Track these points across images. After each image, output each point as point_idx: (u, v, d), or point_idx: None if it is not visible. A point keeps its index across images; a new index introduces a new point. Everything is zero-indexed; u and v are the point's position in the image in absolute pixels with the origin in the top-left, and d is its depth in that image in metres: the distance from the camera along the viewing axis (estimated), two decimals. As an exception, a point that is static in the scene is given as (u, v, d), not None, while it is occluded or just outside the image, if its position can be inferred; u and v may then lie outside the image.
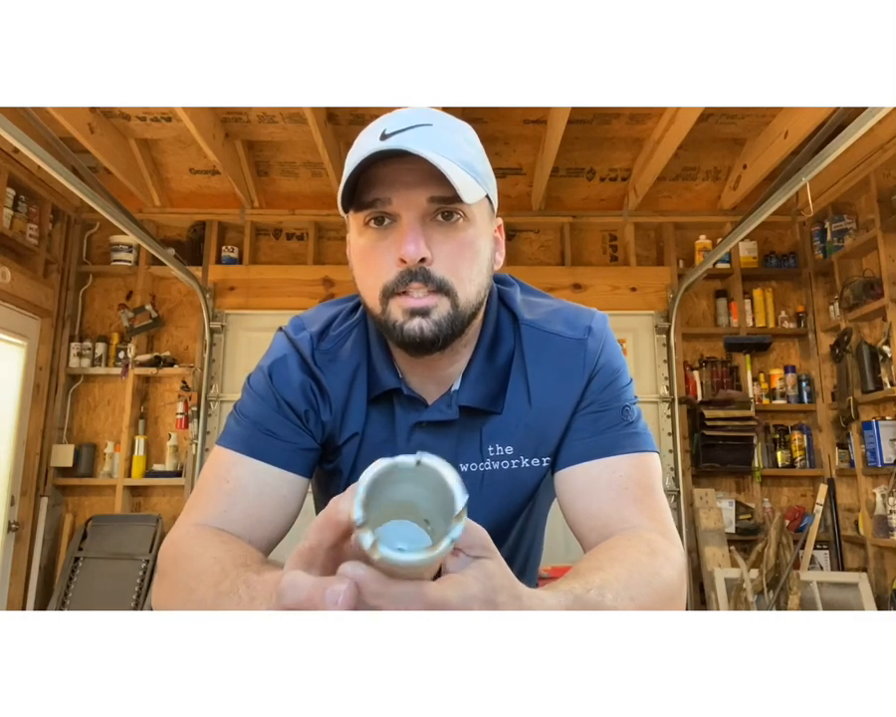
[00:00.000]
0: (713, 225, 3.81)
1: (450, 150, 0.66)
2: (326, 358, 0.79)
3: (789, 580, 3.06)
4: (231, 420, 0.79)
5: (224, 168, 3.26)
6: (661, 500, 0.73)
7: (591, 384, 0.76)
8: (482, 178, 0.69)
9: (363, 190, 0.66)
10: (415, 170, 0.64)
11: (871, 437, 3.25)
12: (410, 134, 0.65)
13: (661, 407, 3.53)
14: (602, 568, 0.58)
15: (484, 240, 0.72)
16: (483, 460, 0.77)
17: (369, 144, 0.66)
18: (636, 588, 0.57)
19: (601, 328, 0.79)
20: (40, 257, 3.46)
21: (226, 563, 0.60)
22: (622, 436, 0.74)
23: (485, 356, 0.78)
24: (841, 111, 2.42)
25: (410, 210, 0.66)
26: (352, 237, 0.73)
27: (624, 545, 0.64)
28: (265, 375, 0.78)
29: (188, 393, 3.62)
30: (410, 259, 0.65)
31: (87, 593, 3.21)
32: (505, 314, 0.80)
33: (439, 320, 0.67)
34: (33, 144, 2.04)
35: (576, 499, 0.74)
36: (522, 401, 0.77)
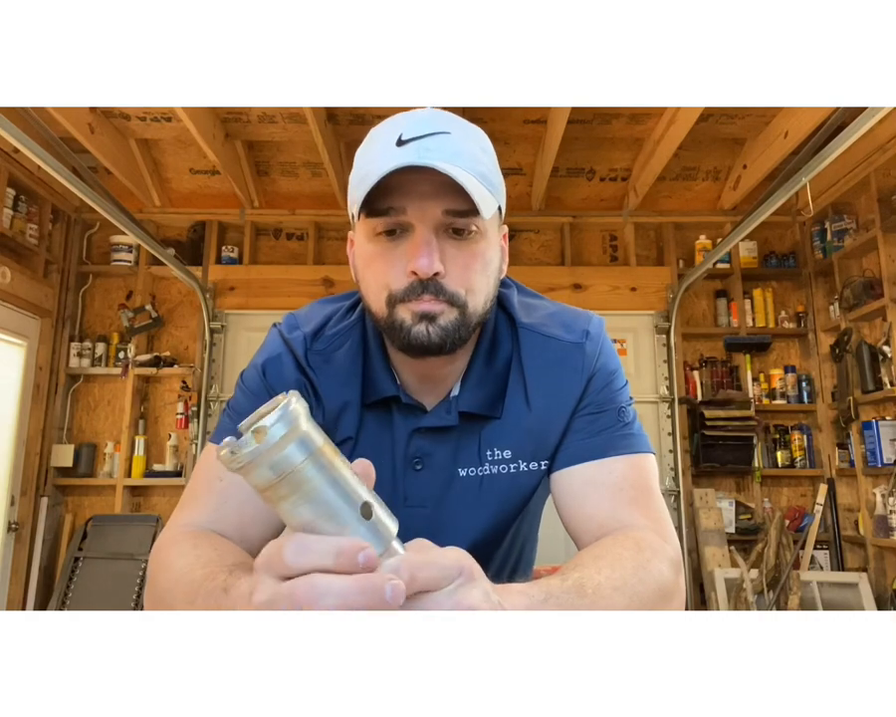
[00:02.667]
0: (713, 225, 3.81)
1: (468, 162, 0.65)
2: (319, 359, 0.77)
3: (789, 580, 3.06)
4: (224, 417, 0.78)
5: (224, 168, 3.26)
6: (657, 500, 0.73)
7: (589, 387, 0.76)
8: (496, 189, 0.69)
9: (377, 196, 0.64)
10: (432, 180, 0.63)
11: (871, 437, 3.25)
12: (430, 143, 0.64)
13: (661, 407, 3.53)
14: (584, 564, 0.58)
15: (493, 251, 0.72)
16: (482, 465, 0.77)
17: (386, 150, 0.65)
18: (620, 579, 0.57)
19: (598, 331, 0.79)
20: (40, 257, 3.46)
21: (199, 574, 0.58)
22: (618, 437, 0.74)
23: (484, 360, 0.77)
24: (841, 111, 2.42)
25: (425, 222, 0.65)
26: (360, 240, 0.72)
27: (609, 543, 0.65)
28: (258, 372, 0.77)
29: (188, 393, 3.62)
30: (423, 273, 0.65)
31: (87, 593, 3.21)
32: (502, 317, 0.80)
33: (446, 325, 0.67)
34: (33, 144, 2.04)
35: (572, 500, 0.74)
36: (520, 405, 0.77)
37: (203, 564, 0.60)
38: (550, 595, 0.51)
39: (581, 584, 0.54)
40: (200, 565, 0.59)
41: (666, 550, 0.66)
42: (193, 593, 0.56)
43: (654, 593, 0.60)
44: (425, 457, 0.77)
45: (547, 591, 0.51)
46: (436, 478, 0.77)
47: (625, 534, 0.66)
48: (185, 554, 0.63)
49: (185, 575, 0.59)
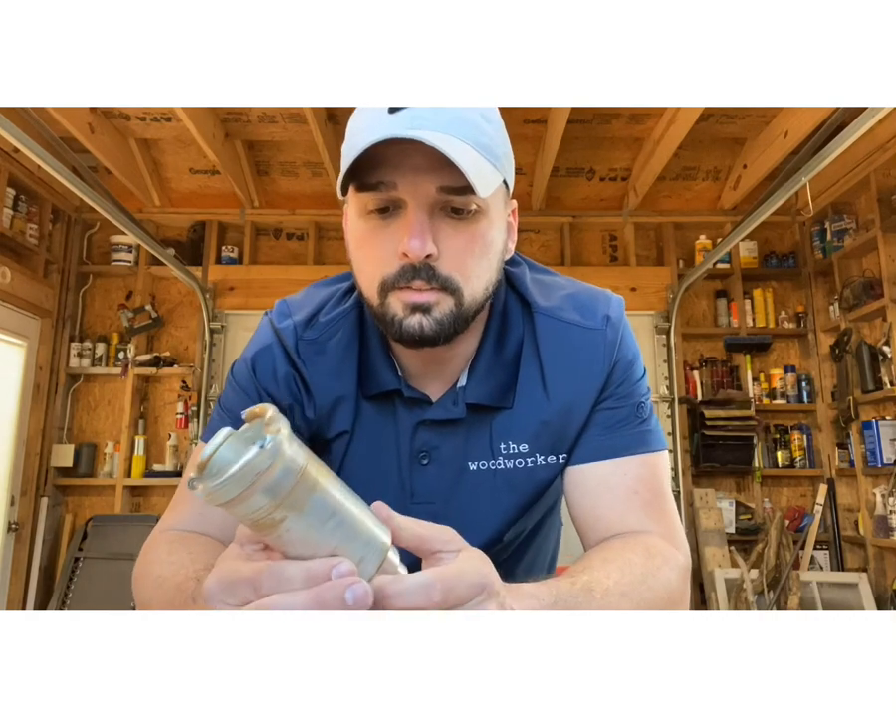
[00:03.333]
0: (713, 225, 3.81)
1: (467, 130, 0.59)
2: (311, 349, 0.73)
3: (789, 580, 3.06)
4: (214, 415, 0.77)
5: (224, 168, 3.26)
6: (669, 502, 0.72)
7: (611, 379, 0.72)
8: (500, 162, 0.63)
9: (367, 169, 0.59)
10: (426, 153, 0.57)
11: (871, 437, 3.24)
12: (424, 111, 0.58)
13: (661, 407, 3.53)
14: (594, 567, 0.57)
15: (497, 231, 0.66)
16: (494, 458, 0.72)
17: (376, 117, 0.60)
18: (629, 585, 0.57)
19: (618, 315, 0.74)
20: (40, 257, 3.46)
21: (172, 585, 0.57)
22: (635, 435, 0.72)
23: (493, 346, 0.72)
24: (841, 111, 2.42)
25: (417, 199, 0.59)
26: (351, 217, 0.66)
27: (619, 546, 0.63)
28: (247, 367, 0.74)
29: (188, 393, 3.62)
30: (415, 255, 0.59)
31: (87, 593, 3.21)
32: (513, 299, 0.75)
33: (441, 317, 0.62)
34: (33, 144, 2.04)
35: (583, 498, 0.72)
36: (537, 396, 0.72)
37: (175, 571, 0.59)
38: (559, 597, 0.50)
39: (591, 587, 0.54)
40: (172, 573, 0.59)
41: (677, 557, 0.65)
42: (168, 603, 0.56)
43: (661, 600, 0.60)
44: (432, 451, 0.73)
45: (556, 593, 0.51)
46: (444, 473, 0.73)
47: (636, 538, 0.65)
48: (161, 562, 0.62)
49: (160, 586, 0.59)
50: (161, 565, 0.61)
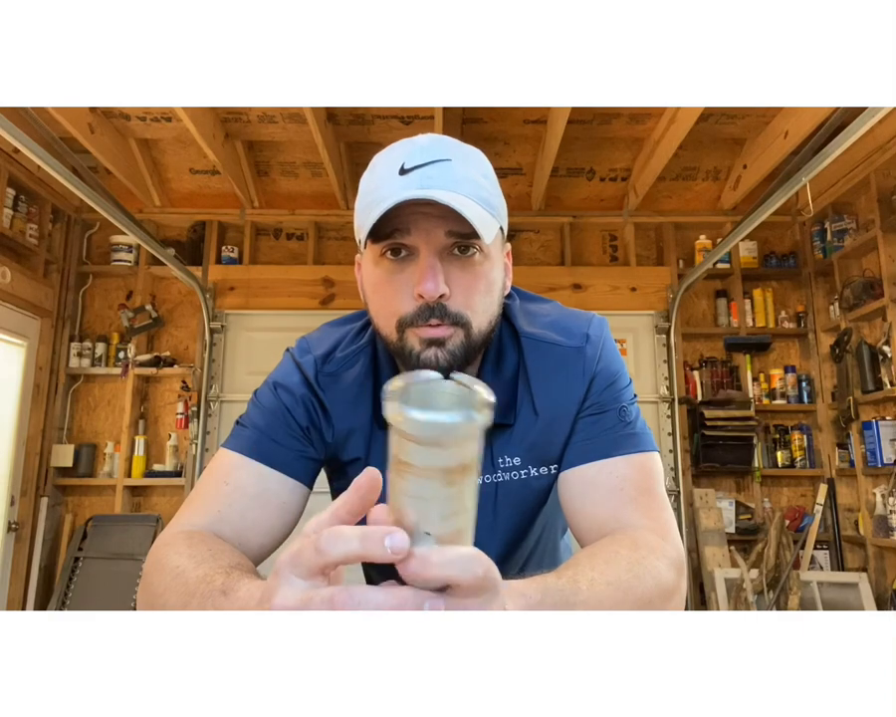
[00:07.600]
0: (713, 225, 3.81)
1: (469, 187, 0.67)
2: (329, 380, 0.80)
3: (789, 580, 3.06)
4: (236, 428, 0.80)
5: (224, 168, 3.26)
6: (659, 499, 0.73)
7: (590, 389, 0.78)
8: (497, 212, 0.71)
9: (381, 221, 0.66)
10: (434, 205, 0.65)
11: (871, 437, 3.25)
12: (432, 172, 0.66)
13: (661, 407, 3.53)
14: (579, 563, 0.59)
15: (497, 271, 0.74)
16: (495, 471, 0.79)
17: (390, 179, 0.67)
18: (614, 574, 0.58)
19: (598, 333, 0.80)
20: (40, 257, 3.46)
21: (194, 576, 0.57)
22: (620, 437, 0.75)
23: (492, 371, 0.79)
24: (841, 111, 2.42)
25: (429, 245, 0.67)
26: (367, 265, 0.74)
27: (606, 542, 0.65)
28: (271, 390, 0.80)
29: (188, 393, 3.62)
30: (429, 296, 0.67)
31: (87, 593, 3.21)
32: (506, 327, 0.82)
33: (453, 349, 0.69)
34: (33, 144, 2.04)
35: (574, 501, 0.75)
36: (529, 413, 0.78)
37: (197, 564, 0.59)
38: (546, 593, 0.51)
39: (576, 579, 0.55)
40: (194, 566, 0.59)
41: (665, 548, 0.65)
42: (188, 594, 0.56)
43: (651, 589, 0.60)
44: None
45: (543, 589, 0.52)
46: None
47: (623, 533, 0.67)
48: (180, 554, 0.62)
49: (179, 576, 0.59)
50: (181, 557, 0.62)
